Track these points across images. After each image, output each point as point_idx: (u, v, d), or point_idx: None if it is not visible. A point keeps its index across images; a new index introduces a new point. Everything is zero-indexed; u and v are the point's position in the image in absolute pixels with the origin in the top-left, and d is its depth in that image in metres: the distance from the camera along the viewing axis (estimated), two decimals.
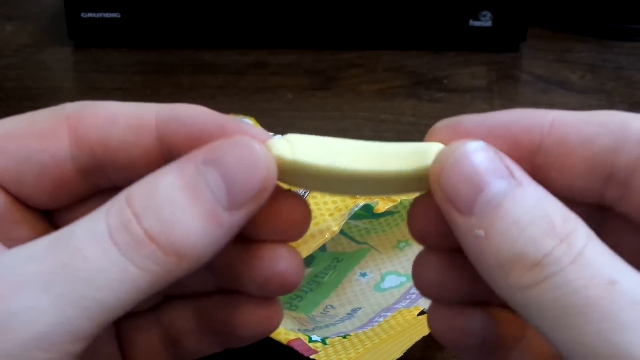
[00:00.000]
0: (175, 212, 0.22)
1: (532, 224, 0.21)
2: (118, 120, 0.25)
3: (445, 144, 0.24)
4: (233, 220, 0.22)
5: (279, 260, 0.25)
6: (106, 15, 0.67)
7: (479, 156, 0.22)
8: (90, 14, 0.67)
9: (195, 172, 0.22)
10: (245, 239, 0.25)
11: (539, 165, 0.24)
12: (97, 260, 0.21)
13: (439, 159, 0.23)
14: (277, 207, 0.25)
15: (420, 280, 0.26)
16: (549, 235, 0.21)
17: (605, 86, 0.64)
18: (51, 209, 0.26)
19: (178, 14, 0.67)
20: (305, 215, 0.25)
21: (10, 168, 0.25)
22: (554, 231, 0.21)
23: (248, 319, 0.26)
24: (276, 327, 0.27)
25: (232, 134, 0.23)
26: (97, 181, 0.26)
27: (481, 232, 0.22)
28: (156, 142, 0.25)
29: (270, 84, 0.64)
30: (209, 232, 0.22)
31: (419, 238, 0.26)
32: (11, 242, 0.25)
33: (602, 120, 0.23)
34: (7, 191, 0.25)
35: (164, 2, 0.66)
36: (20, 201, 0.26)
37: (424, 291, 0.26)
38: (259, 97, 0.63)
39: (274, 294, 0.26)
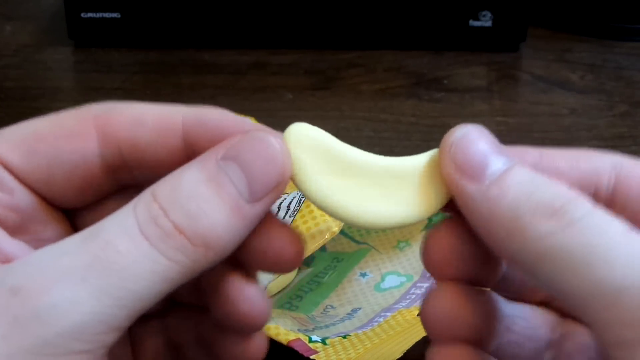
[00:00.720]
0: (200, 205, 0.23)
1: (545, 183, 0.23)
2: (145, 120, 0.26)
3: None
4: (254, 212, 0.23)
5: (242, 301, 0.26)
6: (106, 15, 0.67)
7: (483, 133, 0.24)
8: (90, 14, 0.67)
9: (217, 166, 0.23)
10: (235, 262, 0.26)
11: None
12: (129, 252, 0.22)
13: (447, 139, 0.24)
14: (271, 241, 0.25)
15: (433, 314, 0.26)
16: (562, 190, 0.23)
17: (605, 86, 0.64)
18: (75, 207, 0.27)
19: (178, 14, 0.67)
20: (298, 252, 0.26)
21: (40, 168, 0.25)
22: (563, 189, 0.23)
23: (231, 348, 0.27)
24: (262, 355, 0.27)
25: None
26: (121, 179, 0.27)
27: (496, 190, 0.23)
28: (181, 143, 0.26)
29: (270, 84, 0.64)
30: (233, 224, 0.23)
31: (433, 269, 0.26)
32: (38, 243, 0.25)
33: (579, 153, 0.25)
34: (36, 191, 0.26)
35: (164, 2, 0.66)
36: (46, 201, 0.26)
37: (435, 327, 0.26)
38: (259, 97, 0.63)
39: (240, 330, 0.27)
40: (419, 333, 0.37)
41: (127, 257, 0.22)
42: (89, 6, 0.66)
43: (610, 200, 0.25)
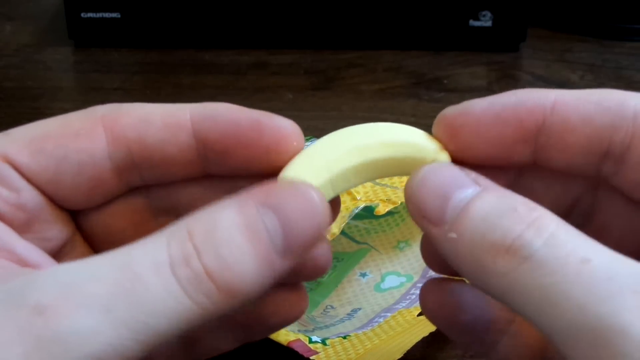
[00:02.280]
0: (233, 252, 0.22)
1: (499, 216, 0.23)
2: (153, 119, 0.25)
3: (452, 133, 0.25)
4: (284, 265, 0.23)
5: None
6: (106, 15, 0.67)
7: (442, 172, 0.24)
8: (90, 14, 0.67)
9: (255, 213, 0.22)
10: None
11: (541, 144, 0.25)
12: (157, 289, 0.21)
13: (409, 182, 0.24)
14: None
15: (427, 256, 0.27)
16: (516, 222, 0.22)
17: (605, 86, 0.64)
18: (82, 208, 0.27)
19: (178, 14, 0.67)
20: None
21: (48, 168, 0.25)
22: (520, 218, 0.22)
23: (280, 306, 0.27)
24: (304, 311, 0.27)
25: (266, 128, 0.25)
26: (129, 180, 0.26)
27: (454, 235, 0.23)
28: (192, 140, 0.25)
29: (270, 84, 0.64)
30: (261, 275, 0.22)
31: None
32: (43, 242, 0.26)
33: (600, 99, 0.25)
34: (43, 191, 0.26)
35: (164, 2, 0.66)
36: (52, 201, 0.26)
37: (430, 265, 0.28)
38: (259, 97, 0.63)
39: (306, 279, 0.27)
40: (420, 333, 0.37)
41: (153, 293, 0.21)
42: (89, 6, 0.66)
43: (622, 158, 0.24)
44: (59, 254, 0.26)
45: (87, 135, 0.25)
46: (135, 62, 0.67)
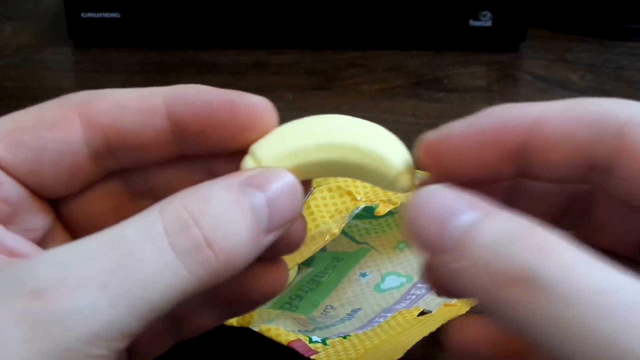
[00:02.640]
0: (230, 223, 0.23)
1: (504, 244, 0.21)
2: (127, 104, 0.26)
3: (433, 159, 0.25)
4: (268, 240, 0.24)
5: None
6: (106, 15, 0.67)
7: (437, 198, 0.23)
8: (90, 14, 0.67)
9: (243, 191, 0.23)
10: None
11: (524, 161, 0.24)
12: (152, 262, 0.22)
13: (406, 208, 0.23)
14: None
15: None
16: (522, 250, 0.21)
17: (605, 86, 0.64)
18: (62, 196, 0.27)
19: (178, 14, 0.67)
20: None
21: (27, 160, 0.25)
22: (526, 245, 0.21)
23: (262, 281, 0.27)
24: (285, 284, 0.28)
25: (239, 108, 0.26)
26: (106, 165, 0.27)
27: (456, 265, 0.22)
28: (166, 123, 0.26)
29: (270, 84, 0.64)
30: (251, 247, 0.23)
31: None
32: (27, 233, 0.26)
33: (583, 113, 0.24)
34: (23, 182, 0.26)
35: (164, 2, 0.66)
36: (33, 191, 0.26)
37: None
38: None
39: (283, 253, 0.28)
40: (419, 333, 0.37)
41: (148, 267, 0.22)
42: (89, 6, 0.66)
43: (609, 171, 0.24)
44: (42, 244, 0.27)
45: (63, 125, 0.26)
46: (135, 62, 0.67)
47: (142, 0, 0.66)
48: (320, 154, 0.26)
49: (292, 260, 0.38)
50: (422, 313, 0.40)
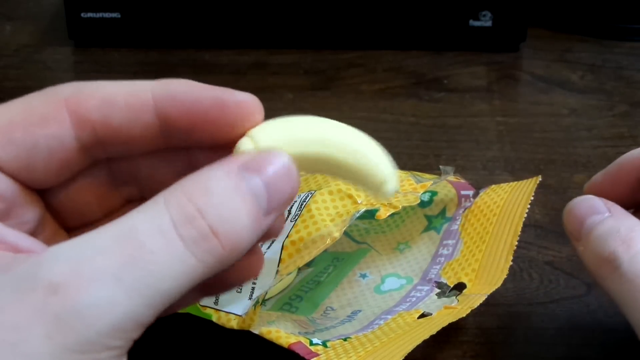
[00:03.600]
0: (232, 212, 0.24)
1: (607, 235, 0.33)
2: (117, 100, 0.26)
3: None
4: (267, 223, 0.25)
5: None
6: (106, 15, 0.67)
7: (583, 202, 0.35)
8: (90, 14, 0.67)
9: (242, 177, 0.24)
10: None
11: None
12: (162, 252, 0.23)
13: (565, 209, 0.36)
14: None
15: None
16: (615, 240, 0.33)
17: (605, 86, 0.64)
18: (51, 187, 0.27)
19: (178, 14, 0.67)
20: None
21: (19, 156, 0.26)
22: (619, 237, 0.33)
23: (241, 268, 0.28)
24: (260, 271, 0.29)
25: (229, 105, 0.26)
26: (94, 156, 0.27)
27: (581, 248, 0.34)
28: (155, 119, 0.26)
29: (270, 84, 0.64)
30: (254, 232, 0.24)
31: None
32: (22, 226, 0.26)
33: None
34: (15, 178, 0.26)
35: (164, 2, 0.66)
36: (23, 184, 0.27)
37: None
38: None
39: (263, 240, 0.28)
40: (420, 336, 0.37)
41: (159, 257, 0.22)
42: (89, 6, 0.66)
43: None
44: (34, 234, 0.27)
45: (53, 121, 0.26)
46: (135, 62, 0.67)
47: (142, 0, 0.66)
48: (317, 147, 0.27)
49: (293, 264, 0.38)
50: (422, 315, 0.40)
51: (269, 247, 0.39)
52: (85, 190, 0.28)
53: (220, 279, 0.28)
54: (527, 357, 0.41)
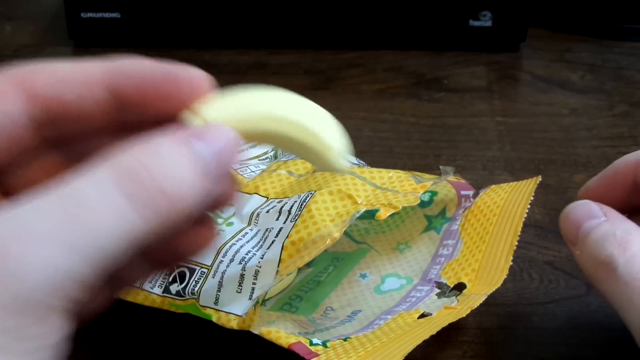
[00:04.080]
0: (179, 171, 0.24)
1: (604, 238, 0.34)
2: (69, 77, 0.27)
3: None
4: (211, 189, 0.25)
5: None
6: (106, 15, 0.67)
7: (579, 207, 0.36)
8: (90, 14, 0.67)
9: (190, 143, 0.25)
10: None
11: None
12: (104, 210, 0.23)
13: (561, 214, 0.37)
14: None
15: None
16: (611, 243, 0.33)
17: (605, 86, 0.64)
18: (4, 166, 0.27)
19: (178, 14, 0.67)
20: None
21: None
22: (615, 240, 0.33)
23: (192, 239, 0.28)
24: (211, 242, 0.29)
25: (181, 80, 0.27)
26: (46, 134, 0.27)
27: (578, 252, 0.35)
28: (107, 95, 0.27)
29: (270, 84, 0.64)
30: (199, 195, 0.25)
31: None
32: None
33: None
34: None
35: (164, 2, 0.66)
36: None
37: None
38: None
39: (213, 210, 0.29)
40: (420, 336, 0.37)
41: (101, 215, 0.23)
42: (89, 6, 0.66)
43: None
44: None
45: (4, 97, 0.26)
46: None
47: (142, 0, 0.66)
48: (263, 124, 0.27)
49: (293, 264, 0.38)
50: (422, 315, 0.40)
51: (269, 248, 0.39)
52: (39, 171, 0.28)
53: (169, 250, 0.28)
54: (527, 357, 0.41)
